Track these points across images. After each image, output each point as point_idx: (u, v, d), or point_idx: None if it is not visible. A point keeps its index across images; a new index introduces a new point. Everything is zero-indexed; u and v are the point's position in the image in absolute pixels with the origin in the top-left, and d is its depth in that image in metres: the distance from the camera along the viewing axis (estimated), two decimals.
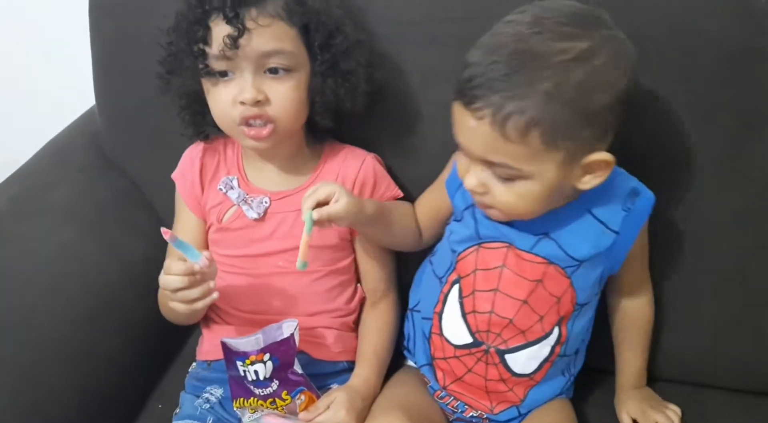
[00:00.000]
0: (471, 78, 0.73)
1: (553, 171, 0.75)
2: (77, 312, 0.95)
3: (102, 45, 1.06)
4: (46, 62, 1.44)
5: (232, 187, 0.95)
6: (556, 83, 0.70)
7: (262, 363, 0.84)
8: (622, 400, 0.97)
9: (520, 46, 0.72)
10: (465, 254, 0.88)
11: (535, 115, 0.71)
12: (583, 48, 0.71)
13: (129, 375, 1.00)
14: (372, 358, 0.95)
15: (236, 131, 0.89)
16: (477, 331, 0.88)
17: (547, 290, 0.85)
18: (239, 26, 0.82)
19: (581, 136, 0.73)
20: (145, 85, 1.02)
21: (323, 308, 0.97)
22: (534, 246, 0.84)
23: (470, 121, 0.74)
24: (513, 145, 0.72)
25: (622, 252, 0.86)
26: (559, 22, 0.73)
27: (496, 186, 0.78)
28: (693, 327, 0.99)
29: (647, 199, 0.85)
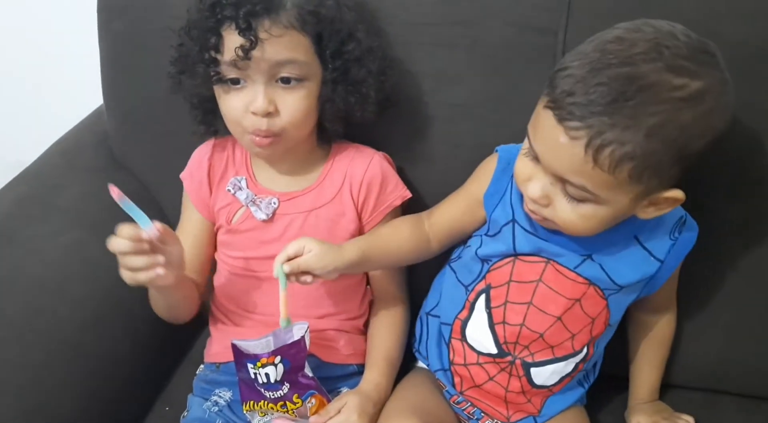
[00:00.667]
0: (571, 92, 0.68)
1: (626, 201, 0.72)
2: (84, 314, 0.95)
3: (110, 45, 1.06)
4: (53, 62, 1.44)
5: (241, 188, 0.94)
6: (663, 121, 0.67)
7: (273, 365, 0.83)
8: (634, 412, 0.96)
9: (632, 72, 0.67)
10: (499, 264, 0.86)
11: (635, 149, 0.67)
12: (697, 88, 0.67)
13: (136, 377, 1.00)
14: (382, 362, 0.94)
15: (245, 139, 0.88)
16: (504, 343, 0.87)
17: (584, 310, 0.84)
18: (252, 38, 0.81)
19: (667, 175, 0.71)
20: (153, 86, 1.02)
21: (333, 311, 0.96)
22: (578, 266, 0.82)
23: (561, 137, 0.69)
24: (600, 172, 0.69)
25: (662, 279, 0.85)
26: (679, 53, 0.68)
27: (560, 202, 0.74)
28: (708, 333, 0.98)
29: (693, 229, 0.84)
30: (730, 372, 1.00)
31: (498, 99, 0.92)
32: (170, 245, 0.82)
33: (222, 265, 0.99)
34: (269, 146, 0.87)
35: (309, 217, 0.93)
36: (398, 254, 0.92)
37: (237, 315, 0.97)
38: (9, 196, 1.04)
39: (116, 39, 1.05)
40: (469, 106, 0.95)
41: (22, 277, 0.94)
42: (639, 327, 0.96)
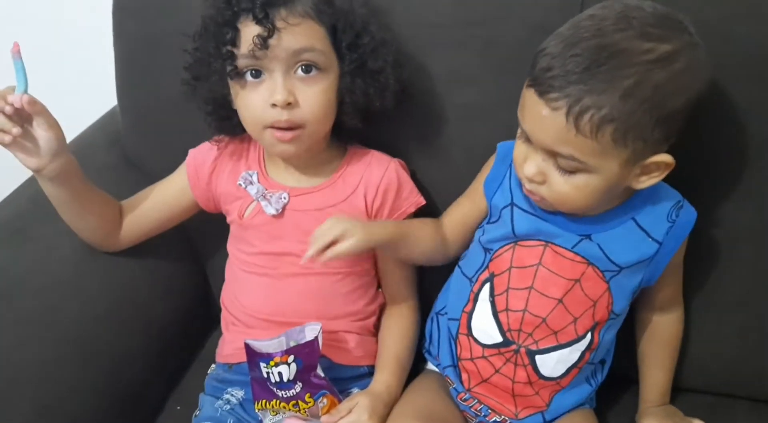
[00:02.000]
0: (549, 67, 0.73)
1: (616, 168, 0.75)
2: (99, 312, 0.96)
3: (125, 47, 1.07)
4: (66, 62, 1.44)
5: (252, 183, 0.95)
6: (636, 82, 0.70)
7: (286, 364, 0.84)
8: (645, 416, 0.95)
9: (603, 41, 0.72)
10: (500, 252, 0.88)
11: (612, 111, 0.71)
12: (666, 50, 0.72)
13: (148, 376, 1.00)
14: (393, 363, 0.94)
15: (264, 136, 0.88)
16: (508, 330, 0.88)
17: (584, 291, 0.85)
18: (269, 26, 0.81)
19: (650, 137, 0.73)
20: (167, 87, 1.03)
21: (344, 311, 0.96)
22: (576, 245, 0.84)
23: (543, 110, 0.74)
24: (584, 138, 0.72)
25: (662, 263, 0.86)
26: (645, 22, 0.73)
27: (554, 176, 0.78)
28: (720, 336, 0.98)
29: (691, 213, 0.86)
30: (743, 376, 1.00)
31: (511, 100, 0.90)
32: (39, 128, 0.83)
33: (234, 262, 0.99)
34: (291, 141, 0.87)
35: (319, 215, 0.93)
36: (425, 246, 0.93)
37: (248, 316, 0.97)
38: (25, 195, 1.05)
39: (131, 40, 1.06)
40: (483, 107, 0.95)
41: (37, 274, 0.95)
42: (646, 327, 0.96)
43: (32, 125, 0.83)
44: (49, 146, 0.84)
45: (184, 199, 0.99)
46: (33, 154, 0.85)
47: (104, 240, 0.97)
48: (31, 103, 0.81)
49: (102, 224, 0.96)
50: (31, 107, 0.81)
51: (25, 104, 0.81)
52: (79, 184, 0.91)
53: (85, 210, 0.93)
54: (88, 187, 0.93)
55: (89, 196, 0.93)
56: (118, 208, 0.97)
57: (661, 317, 0.95)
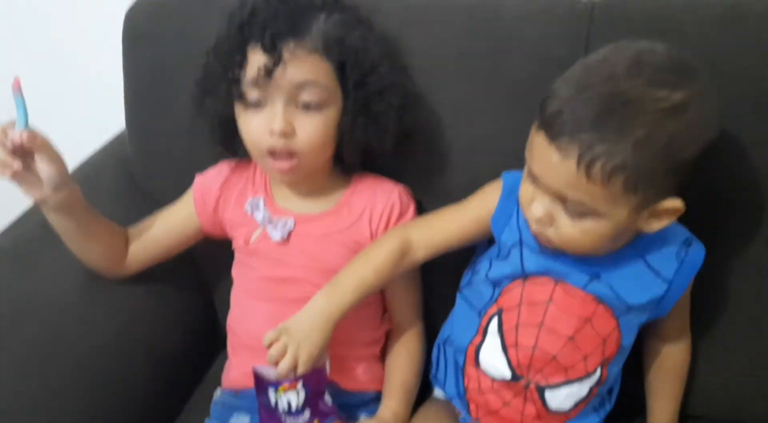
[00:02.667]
0: (560, 112, 0.72)
1: (625, 213, 0.74)
2: (103, 338, 0.95)
3: (134, 73, 1.07)
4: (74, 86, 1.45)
5: (258, 208, 0.95)
6: (649, 132, 0.69)
7: (295, 392, 0.83)
8: None
9: (615, 88, 0.70)
10: (510, 287, 0.87)
11: (623, 161, 0.69)
12: (679, 99, 0.70)
13: (153, 402, 1.00)
14: (401, 391, 0.94)
15: (264, 160, 0.89)
16: (518, 366, 0.87)
17: (595, 329, 0.84)
18: (276, 57, 0.82)
19: (662, 185, 0.73)
20: (176, 113, 1.04)
21: (351, 337, 0.96)
22: (587, 284, 0.84)
23: (553, 156, 0.72)
24: (594, 186, 0.71)
25: (671, 301, 0.86)
26: (659, 68, 0.71)
27: (562, 219, 0.77)
28: (730, 362, 0.98)
29: (699, 250, 0.85)
30: (752, 402, 0.99)
31: (516, 131, 0.90)
32: (41, 162, 0.83)
33: (239, 287, 1.00)
34: (289, 172, 0.88)
35: (325, 241, 0.94)
36: (389, 280, 0.91)
37: (254, 341, 0.94)
38: (32, 221, 1.04)
39: (140, 66, 1.06)
40: (488, 139, 0.95)
41: (42, 300, 0.94)
42: (653, 356, 0.96)
43: (34, 159, 0.83)
44: (50, 179, 0.84)
45: (190, 226, 1.00)
46: (35, 186, 0.84)
47: (110, 267, 0.97)
48: (30, 139, 0.80)
49: (108, 252, 0.96)
50: (31, 143, 0.81)
51: (24, 141, 0.80)
52: (83, 213, 0.91)
53: (90, 239, 0.93)
54: (93, 216, 0.93)
55: (94, 225, 0.93)
56: (124, 236, 0.97)
57: (668, 347, 0.94)
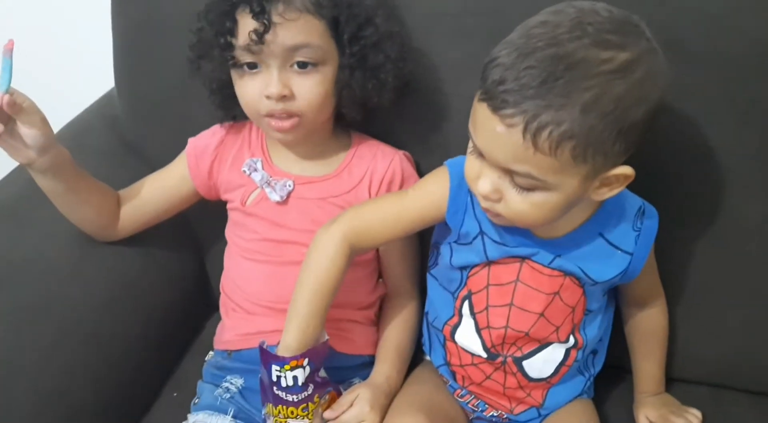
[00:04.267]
0: (502, 80, 0.68)
1: (576, 183, 0.71)
2: (97, 297, 0.95)
3: (124, 29, 1.05)
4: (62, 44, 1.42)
5: (256, 170, 0.94)
6: (596, 95, 0.66)
7: (302, 368, 0.81)
8: (642, 405, 0.96)
9: (558, 51, 0.67)
10: (476, 270, 0.86)
11: (572, 127, 0.66)
12: (625, 59, 0.67)
13: (146, 362, 1.00)
14: (394, 355, 0.94)
15: (262, 122, 0.88)
16: (492, 346, 0.87)
17: (564, 301, 0.84)
18: (265, 21, 0.81)
19: (611, 151, 0.69)
20: (167, 71, 1.02)
21: (347, 300, 0.95)
22: (552, 261, 0.83)
23: (498, 127, 0.69)
24: (542, 156, 0.68)
25: (635, 271, 0.85)
26: (602, 28, 0.68)
27: (511, 194, 0.73)
28: (717, 328, 0.99)
29: (654, 217, 0.84)
30: (741, 367, 1.00)
31: None
32: (24, 126, 0.81)
33: (234, 249, 0.99)
34: (290, 130, 0.87)
35: (324, 204, 0.93)
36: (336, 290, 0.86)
37: (249, 302, 0.96)
38: (19, 179, 1.03)
39: (130, 23, 1.04)
40: None
41: (35, 260, 0.94)
42: (631, 321, 0.96)
43: (16, 122, 0.81)
44: (35, 142, 0.82)
45: (184, 189, 0.98)
46: (20, 149, 0.83)
47: (101, 230, 0.96)
48: (10, 104, 0.78)
49: (99, 215, 0.95)
50: (11, 108, 0.78)
51: (5, 105, 0.78)
52: (72, 175, 0.89)
53: (80, 201, 0.92)
54: (83, 178, 0.91)
55: (84, 188, 0.91)
56: (115, 199, 0.96)
57: (642, 311, 0.95)
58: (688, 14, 0.86)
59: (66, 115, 1.15)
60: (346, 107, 0.90)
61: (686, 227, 0.89)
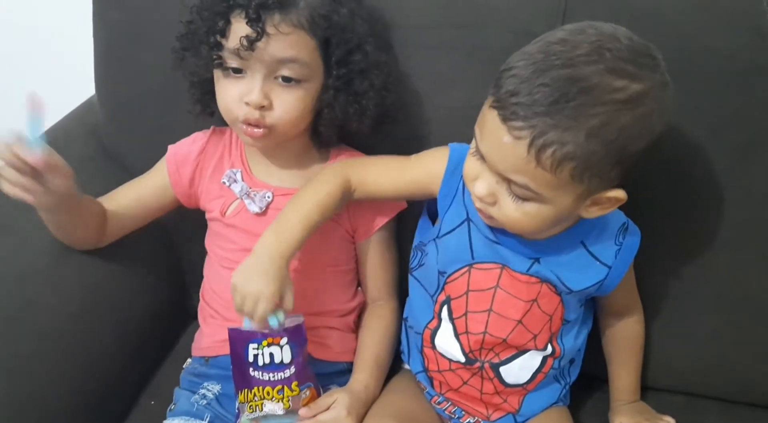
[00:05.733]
0: (516, 92, 0.70)
1: (569, 200, 0.74)
2: (74, 306, 0.94)
3: (106, 36, 1.05)
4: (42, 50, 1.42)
5: (236, 181, 0.94)
6: (602, 123, 0.68)
7: (279, 346, 0.83)
8: (617, 413, 0.97)
9: (574, 73, 0.68)
10: (455, 276, 0.87)
11: (574, 149, 0.68)
12: (636, 91, 0.69)
13: (123, 370, 0.99)
14: (373, 364, 0.94)
15: (236, 126, 0.89)
16: (470, 351, 0.88)
17: (541, 309, 0.86)
18: (258, 29, 0.81)
19: (607, 175, 0.72)
20: (149, 78, 1.03)
21: (325, 308, 0.96)
22: (529, 268, 0.84)
23: (505, 137, 0.71)
24: (542, 171, 0.70)
25: (611, 285, 0.87)
26: (620, 56, 0.69)
27: (505, 200, 0.76)
28: (690, 338, 1.00)
29: (636, 234, 0.86)
30: (714, 377, 1.02)
31: None
32: (54, 178, 0.80)
33: (213, 258, 0.99)
34: (260, 138, 0.87)
35: None
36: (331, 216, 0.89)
37: (228, 310, 0.95)
38: None
39: (112, 29, 1.04)
40: (468, 110, 0.92)
41: (12, 267, 0.93)
42: (608, 331, 0.98)
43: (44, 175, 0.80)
44: (58, 191, 0.81)
45: (164, 197, 0.98)
46: (38, 196, 0.81)
47: (89, 244, 0.96)
48: (49, 164, 0.77)
49: (90, 233, 0.94)
50: (48, 167, 0.78)
51: (42, 167, 0.77)
52: (74, 206, 0.88)
53: (77, 225, 0.91)
54: (81, 205, 0.90)
55: (82, 213, 0.90)
56: (103, 214, 0.95)
57: (620, 321, 0.96)
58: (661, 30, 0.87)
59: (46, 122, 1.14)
60: (324, 126, 0.91)
61: (658, 239, 0.90)
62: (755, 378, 1.01)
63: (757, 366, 0.99)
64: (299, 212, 0.86)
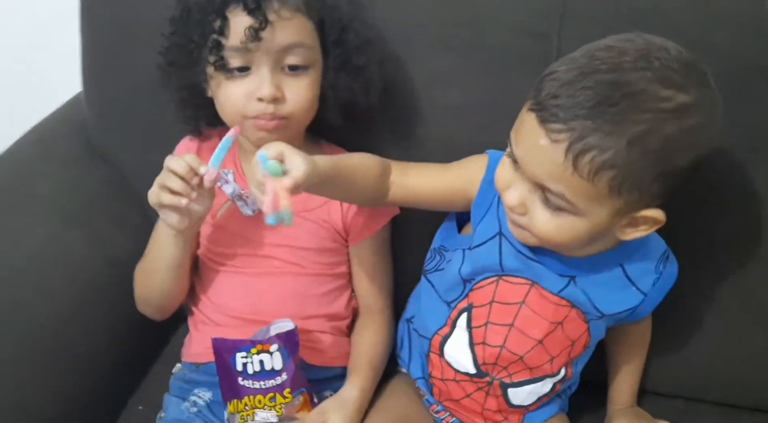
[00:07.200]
0: (557, 95, 0.67)
1: (605, 215, 0.70)
2: (61, 308, 0.92)
3: (93, 32, 1.03)
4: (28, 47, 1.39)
5: (228, 182, 0.92)
6: (645, 131, 0.65)
7: (269, 353, 0.82)
8: (614, 418, 0.96)
9: (619, 78, 0.66)
10: (482, 284, 0.84)
11: (614, 157, 0.65)
12: (684, 102, 0.66)
13: (111, 375, 0.98)
14: (367, 368, 0.93)
15: (246, 123, 0.86)
16: (483, 364, 0.86)
17: (565, 333, 0.83)
18: (261, 18, 0.79)
19: (647, 190, 0.68)
20: (137, 76, 1.00)
21: (318, 312, 0.94)
22: (562, 290, 0.81)
23: (542, 140, 0.68)
24: (579, 179, 0.67)
25: (644, 312, 0.85)
26: (668, 65, 0.67)
27: (538, 210, 0.72)
28: (692, 342, 0.99)
29: (674, 264, 0.84)
30: (713, 381, 1.01)
31: (493, 102, 0.92)
32: (207, 199, 0.84)
33: (204, 261, 0.97)
34: (274, 129, 0.85)
35: (296, 218, 0.91)
36: (360, 188, 0.85)
37: (219, 314, 0.94)
38: None
39: (100, 26, 1.02)
40: (464, 109, 0.94)
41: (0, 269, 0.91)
42: (616, 336, 0.96)
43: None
44: (201, 212, 0.85)
45: None
46: (185, 216, 0.84)
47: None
48: (213, 181, 0.82)
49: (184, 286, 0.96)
50: (211, 184, 0.82)
51: (209, 182, 0.82)
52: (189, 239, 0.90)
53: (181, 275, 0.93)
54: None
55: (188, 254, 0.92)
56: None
57: (632, 327, 0.95)
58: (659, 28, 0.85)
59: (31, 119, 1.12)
60: (330, 110, 0.89)
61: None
62: (756, 382, 1.00)
63: (759, 370, 0.99)
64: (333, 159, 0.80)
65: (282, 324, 0.86)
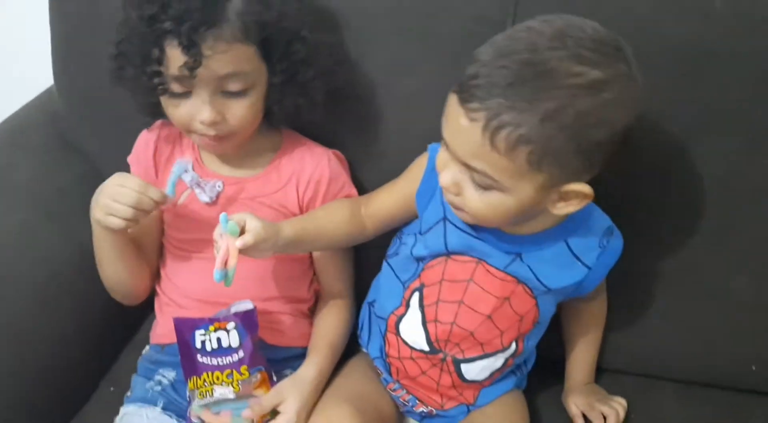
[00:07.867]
0: (475, 75, 0.69)
1: (530, 191, 0.72)
2: (32, 295, 0.95)
3: (62, 24, 1.04)
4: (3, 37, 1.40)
5: (187, 170, 0.94)
6: (558, 106, 0.67)
7: (225, 331, 0.84)
8: (571, 394, 0.99)
9: (533, 58, 0.68)
10: (432, 264, 0.87)
11: (529, 133, 0.67)
12: (595, 77, 0.67)
13: (82, 358, 1.00)
14: (326, 349, 0.95)
15: (193, 136, 0.89)
16: (436, 340, 0.88)
17: (513, 308, 0.85)
18: (196, 55, 0.79)
19: (568, 165, 0.70)
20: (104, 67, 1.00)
21: (279, 294, 0.96)
22: (508, 265, 0.83)
23: (462, 120, 0.70)
24: (498, 156, 0.69)
25: (590, 285, 0.87)
26: (581, 44, 0.68)
27: (469, 190, 0.75)
28: (646, 319, 1.01)
29: (619, 239, 0.86)
30: (667, 358, 1.03)
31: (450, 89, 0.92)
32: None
33: (168, 247, 0.99)
34: (219, 144, 0.88)
35: (253, 204, 0.94)
36: (333, 237, 0.92)
37: (182, 296, 0.97)
38: None
39: (69, 19, 1.03)
40: (422, 98, 0.94)
41: None
42: (571, 313, 0.98)
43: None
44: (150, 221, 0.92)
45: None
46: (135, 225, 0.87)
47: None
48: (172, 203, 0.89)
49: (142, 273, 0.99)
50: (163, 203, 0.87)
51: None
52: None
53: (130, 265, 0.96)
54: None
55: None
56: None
57: (586, 304, 0.97)
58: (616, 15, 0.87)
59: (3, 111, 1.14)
60: (277, 121, 0.92)
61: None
62: (708, 357, 1.02)
63: (709, 345, 1.00)
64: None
65: (242, 305, 0.88)
